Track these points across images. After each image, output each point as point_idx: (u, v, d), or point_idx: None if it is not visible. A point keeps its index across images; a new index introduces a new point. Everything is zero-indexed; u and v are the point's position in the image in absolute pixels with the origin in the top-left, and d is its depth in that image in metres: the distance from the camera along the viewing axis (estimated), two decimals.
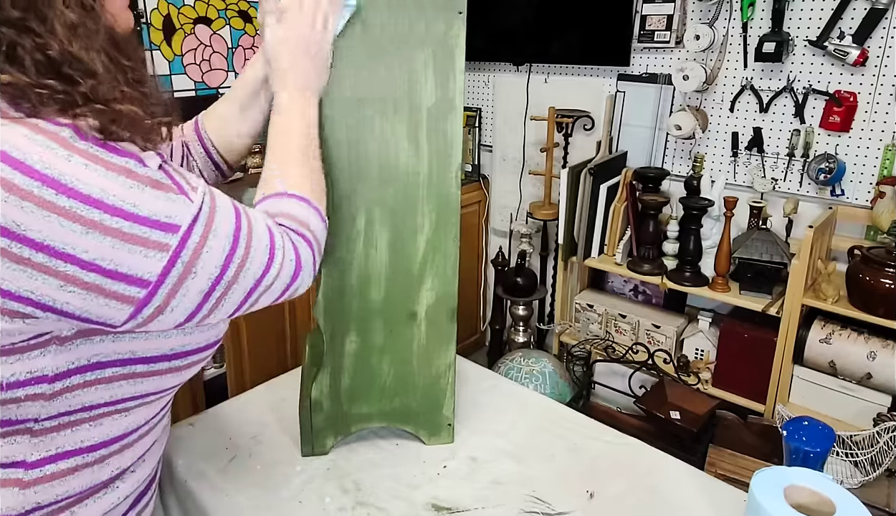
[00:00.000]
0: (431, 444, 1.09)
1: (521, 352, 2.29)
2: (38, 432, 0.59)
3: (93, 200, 0.51)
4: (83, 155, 0.51)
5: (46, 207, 0.49)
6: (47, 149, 0.50)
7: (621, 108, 2.33)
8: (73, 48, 0.53)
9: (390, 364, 1.04)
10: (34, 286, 0.51)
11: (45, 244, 0.50)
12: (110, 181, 0.52)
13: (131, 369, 0.62)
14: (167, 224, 0.55)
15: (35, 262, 0.50)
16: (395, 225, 0.96)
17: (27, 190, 0.49)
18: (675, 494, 0.96)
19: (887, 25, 1.77)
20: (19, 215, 0.48)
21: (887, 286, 1.65)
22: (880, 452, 1.62)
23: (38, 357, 0.56)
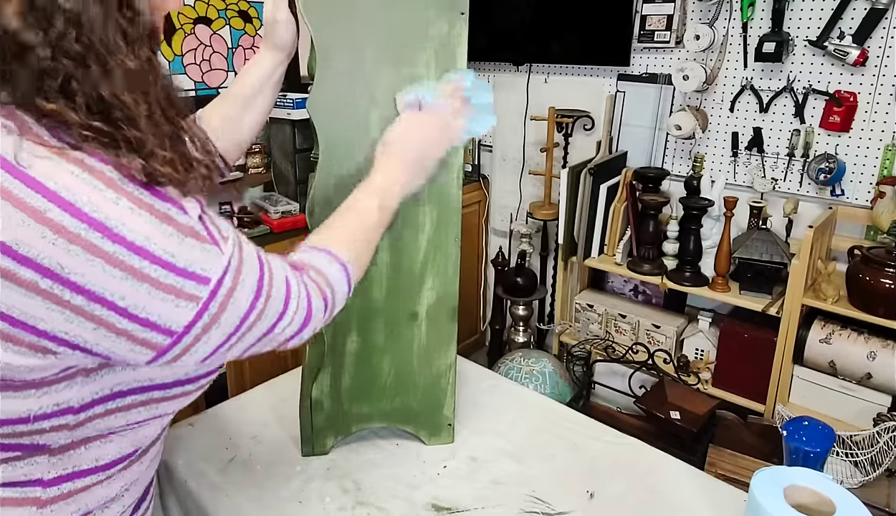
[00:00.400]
0: (432, 444, 1.09)
1: (521, 352, 2.29)
2: (56, 451, 0.60)
3: (136, 247, 0.51)
4: (130, 199, 0.51)
5: (92, 251, 0.49)
6: (95, 190, 0.49)
7: (621, 108, 2.33)
8: (126, 96, 0.53)
9: (391, 364, 1.04)
10: (69, 328, 0.51)
11: (86, 288, 0.50)
12: (154, 228, 0.52)
13: (149, 395, 0.62)
14: (200, 275, 0.55)
15: (73, 305, 0.50)
16: (397, 225, 0.96)
17: (75, 233, 0.48)
18: (675, 494, 0.96)
19: (887, 25, 1.77)
20: (65, 258, 0.48)
21: (887, 286, 1.65)
22: (880, 452, 1.62)
23: (65, 389, 0.56)
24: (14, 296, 0.49)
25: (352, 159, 0.93)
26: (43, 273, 0.48)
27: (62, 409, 0.56)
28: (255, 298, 0.60)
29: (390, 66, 0.91)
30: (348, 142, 0.92)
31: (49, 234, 0.48)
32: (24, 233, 0.47)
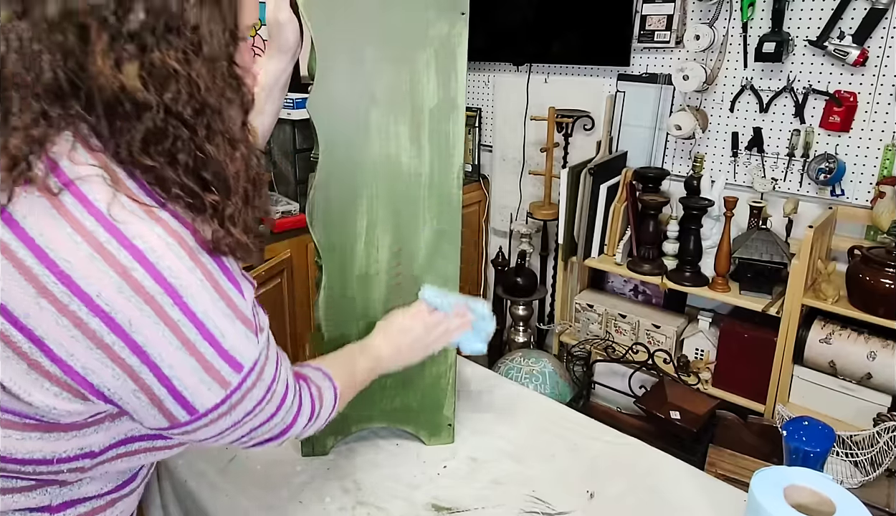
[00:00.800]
0: (432, 445, 1.09)
1: (521, 352, 2.29)
2: (66, 483, 0.61)
3: (197, 321, 0.53)
4: (202, 270, 0.53)
5: (161, 316, 0.51)
6: (177, 258, 0.52)
7: (621, 108, 2.33)
8: (224, 164, 0.55)
9: None
10: (115, 384, 0.52)
11: (145, 350, 0.51)
12: (214, 305, 0.54)
13: (152, 443, 0.63)
14: (237, 361, 0.56)
15: (126, 364, 0.51)
16: (397, 225, 0.96)
17: (151, 294, 0.50)
18: (675, 494, 0.96)
19: (887, 25, 1.77)
20: (136, 316, 0.50)
21: (887, 286, 1.65)
22: (880, 452, 1.62)
23: (92, 433, 0.57)
24: (78, 347, 0.50)
25: (352, 159, 0.93)
26: (112, 327, 0.50)
27: (84, 454, 0.57)
28: (264, 396, 0.62)
29: (390, 65, 0.91)
30: (348, 142, 0.92)
31: (127, 290, 0.49)
32: (106, 285, 0.49)
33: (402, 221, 0.96)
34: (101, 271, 0.49)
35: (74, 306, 0.49)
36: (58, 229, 0.49)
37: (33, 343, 0.49)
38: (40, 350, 0.50)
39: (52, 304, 0.48)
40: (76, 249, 0.49)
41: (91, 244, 0.49)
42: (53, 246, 0.49)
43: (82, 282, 0.48)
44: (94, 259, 0.49)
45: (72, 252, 0.49)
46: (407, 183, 0.95)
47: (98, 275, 0.49)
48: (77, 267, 0.49)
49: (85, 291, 0.49)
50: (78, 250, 0.49)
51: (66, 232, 0.49)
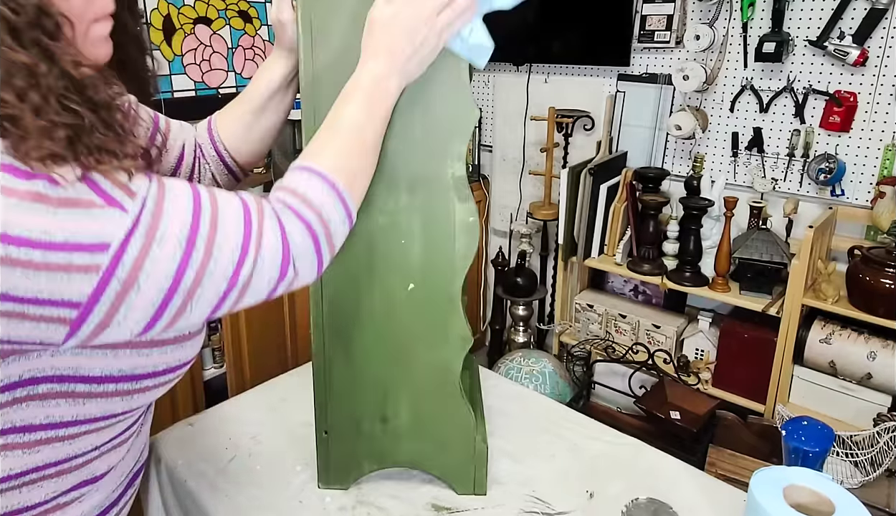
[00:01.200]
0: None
1: (521, 352, 2.29)
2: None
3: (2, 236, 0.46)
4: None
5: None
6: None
7: (621, 107, 2.33)
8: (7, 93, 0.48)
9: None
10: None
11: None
12: (12, 211, 0.46)
13: (70, 387, 0.56)
14: (92, 244, 0.48)
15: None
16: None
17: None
18: (674, 494, 0.96)
19: (887, 25, 1.77)
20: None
21: (887, 286, 1.65)
22: (880, 452, 1.62)
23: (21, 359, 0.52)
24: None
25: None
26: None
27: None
28: (186, 252, 0.53)
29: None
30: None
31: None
32: None
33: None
34: None
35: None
36: None
37: None
38: None
39: None
40: None
41: None
42: None
43: None
44: None
45: None
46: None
47: None
48: None
49: None
50: None
51: None
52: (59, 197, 0.48)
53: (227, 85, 2.38)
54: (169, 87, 2.18)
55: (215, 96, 2.32)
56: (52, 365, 0.54)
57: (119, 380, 0.58)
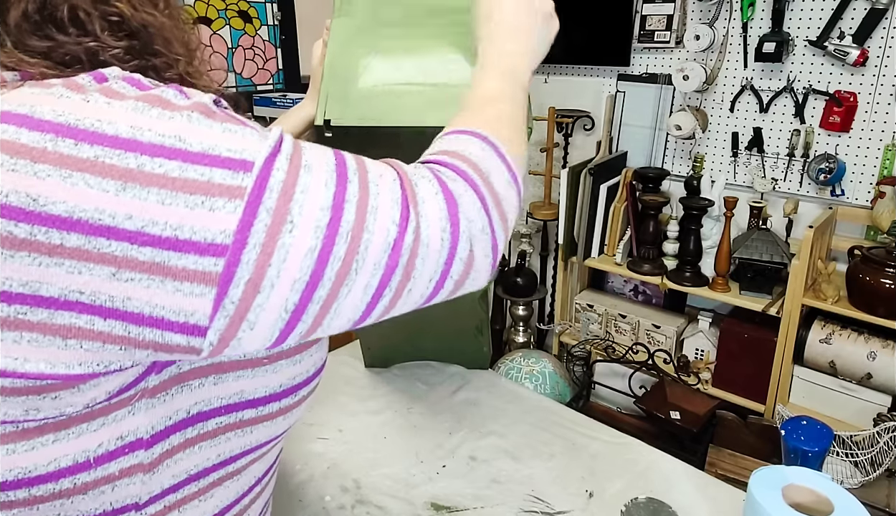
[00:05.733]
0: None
1: (521, 352, 2.29)
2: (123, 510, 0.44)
3: (122, 141, 0.37)
4: (104, 92, 0.39)
5: (66, 164, 0.36)
6: (60, 98, 0.38)
7: (621, 108, 2.33)
8: (149, 17, 0.45)
9: None
10: (81, 282, 0.36)
11: (76, 219, 0.36)
12: (142, 114, 0.38)
13: (239, 416, 0.48)
14: (232, 160, 0.39)
15: (70, 249, 0.36)
16: None
17: (39, 147, 0.36)
18: (674, 494, 0.97)
19: (887, 25, 1.77)
20: (35, 184, 0.35)
21: (887, 286, 1.65)
22: (880, 452, 1.62)
23: (127, 416, 0.42)
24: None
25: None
26: (12, 216, 0.35)
27: (129, 444, 0.42)
28: (340, 183, 0.42)
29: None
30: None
31: (6, 160, 0.35)
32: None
33: None
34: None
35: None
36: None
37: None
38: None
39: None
40: None
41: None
42: None
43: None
44: None
45: None
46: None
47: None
48: None
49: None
50: None
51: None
52: (195, 103, 0.41)
53: (227, 85, 2.38)
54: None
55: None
56: (218, 394, 0.46)
57: (281, 396, 0.50)
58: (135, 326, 0.38)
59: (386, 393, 1.23)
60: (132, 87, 0.40)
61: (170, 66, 0.47)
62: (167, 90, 0.40)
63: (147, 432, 0.43)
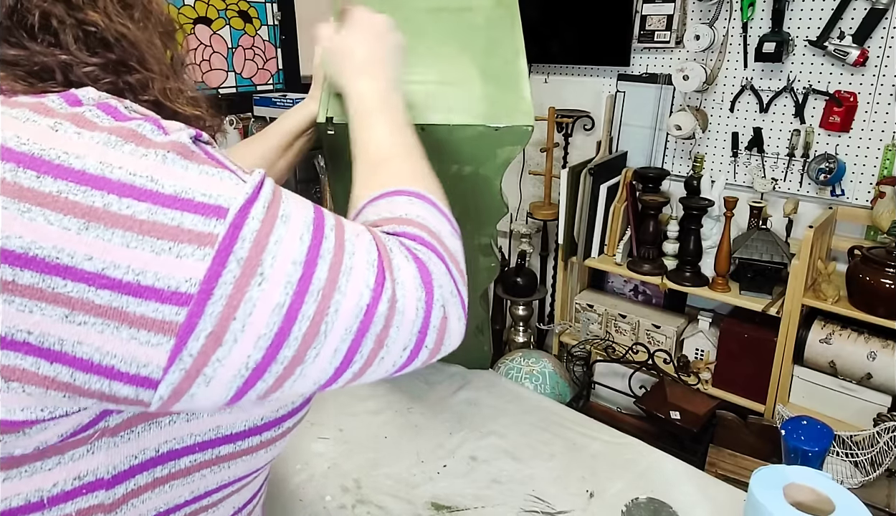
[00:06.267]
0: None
1: (521, 352, 2.29)
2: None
3: (89, 177, 0.35)
4: (74, 120, 0.36)
5: (26, 198, 0.34)
6: (25, 123, 0.35)
7: (621, 108, 2.33)
8: (125, 29, 0.43)
9: None
10: (30, 322, 0.34)
11: (32, 256, 0.34)
12: (113, 150, 0.36)
13: (215, 453, 0.45)
14: (207, 205, 0.37)
15: (22, 286, 0.34)
16: None
17: (12, 183, 0.34)
18: (674, 494, 0.96)
19: (887, 25, 1.77)
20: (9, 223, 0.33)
21: (887, 286, 1.65)
22: (880, 452, 1.62)
23: (86, 455, 0.39)
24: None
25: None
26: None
27: (87, 484, 0.40)
28: (315, 237, 0.40)
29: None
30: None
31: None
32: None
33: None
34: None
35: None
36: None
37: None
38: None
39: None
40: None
41: None
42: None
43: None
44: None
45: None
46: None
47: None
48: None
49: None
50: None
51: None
52: (171, 142, 0.38)
53: (227, 85, 2.38)
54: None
55: (215, 96, 2.32)
56: (191, 431, 0.43)
57: (263, 429, 0.47)
58: (81, 373, 0.35)
59: (386, 393, 1.23)
60: (107, 117, 0.38)
61: (146, 85, 0.44)
62: (144, 124, 0.38)
63: (108, 472, 0.41)
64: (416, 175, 0.55)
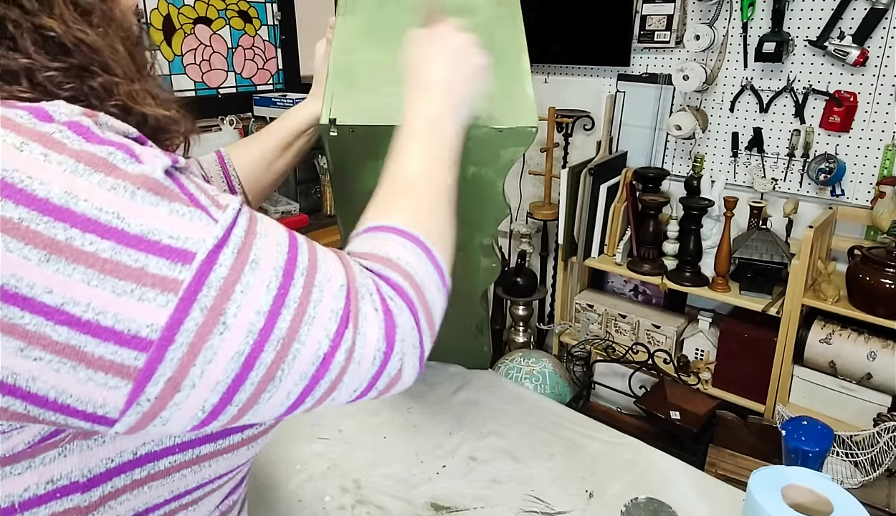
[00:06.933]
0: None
1: (521, 352, 2.29)
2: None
3: (53, 207, 0.33)
4: (42, 141, 0.35)
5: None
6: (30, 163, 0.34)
7: (621, 108, 2.33)
8: (83, 34, 0.42)
9: None
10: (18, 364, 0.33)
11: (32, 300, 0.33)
12: (80, 178, 0.34)
13: (195, 452, 0.45)
14: (173, 248, 0.36)
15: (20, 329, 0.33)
16: None
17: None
18: (674, 494, 0.96)
19: (887, 25, 1.77)
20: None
21: (887, 286, 1.65)
22: (880, 452, 1.62)
23: (58, 458, 0.39)
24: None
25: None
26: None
27: (60, 488, 0.39)
28: (284, 285, 0.39)
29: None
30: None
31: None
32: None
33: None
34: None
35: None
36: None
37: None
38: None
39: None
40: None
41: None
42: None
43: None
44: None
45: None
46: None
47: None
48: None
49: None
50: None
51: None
52: (142, 175, 0.36)
53: (227, 85, 2.38)
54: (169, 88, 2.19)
55: (215, 96, 2.32)
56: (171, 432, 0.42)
57: (245, 427, 0.47)
58: (35, 407, 0.35)
59: None
60: (77, 138, 0.36)
61: (110, 90, 0.43)
62: (116, 152, 0.36)
63: (83, 475, 0.40)
64: (430, 216, 0.54)
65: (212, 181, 0.89)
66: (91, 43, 0.42)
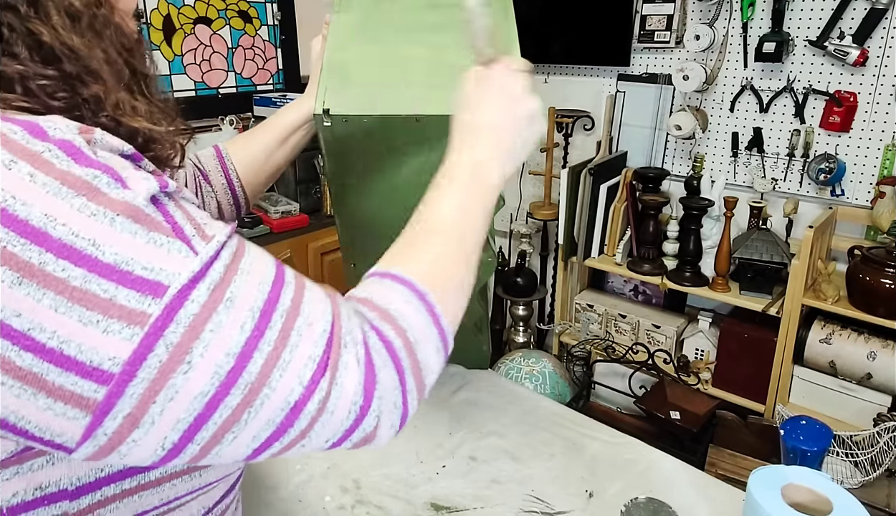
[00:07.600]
0: None
1: (521, 352, 2.29)
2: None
3: (30, 230, 0.33)
4: (30, 160, 0.34)
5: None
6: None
7: (621, 108, 2.33)
8: (74, 42, 0.41)
9: None
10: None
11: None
12: (62, 201, 0.34)
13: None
14: (145, 280, 0.35)
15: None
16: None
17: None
18: (674, 494, 0.96)
19: (887, 25, 1.77)
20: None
21: (887, 286, 1.65)
22: (880, 452, 1.62)
23: (46, 466, 0.39)
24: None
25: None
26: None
27: (48, 495, 0.40)
28: (258, 328, 0.38)
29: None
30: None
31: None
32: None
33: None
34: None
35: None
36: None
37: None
38: None
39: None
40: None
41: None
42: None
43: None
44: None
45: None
46: None
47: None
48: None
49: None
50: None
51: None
52: (123, 202, 0.36)
53: (227, 85, 2.38)
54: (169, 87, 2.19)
55: (215, 96, 2.32)
56: None
57: None
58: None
59: None
60: (67, 158, 0.35)
61: (100, 102, 0.42)
62: (102, 176, 0.36)
63: (72, 483, 0.40)
64: (447, 276, 0.51)
65: (210, 175, 0.89)
66: (80, 51, 0.42)
